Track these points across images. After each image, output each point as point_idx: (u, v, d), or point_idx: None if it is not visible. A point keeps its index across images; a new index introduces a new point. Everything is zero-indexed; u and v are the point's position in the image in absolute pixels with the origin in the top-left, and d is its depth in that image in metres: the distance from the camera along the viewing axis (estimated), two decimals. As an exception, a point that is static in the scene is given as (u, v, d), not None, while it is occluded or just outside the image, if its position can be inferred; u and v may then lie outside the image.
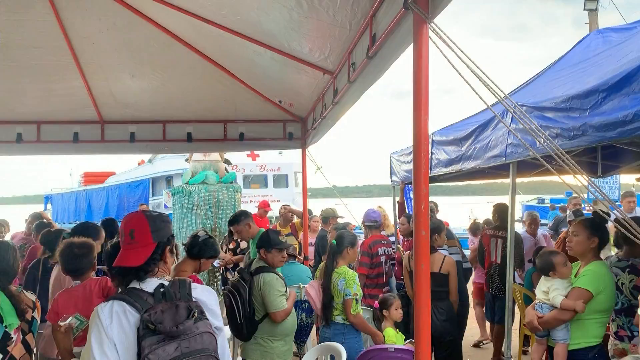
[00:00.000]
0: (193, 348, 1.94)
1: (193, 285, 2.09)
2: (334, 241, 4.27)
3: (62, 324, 2.58)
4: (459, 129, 4.74)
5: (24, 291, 3.06)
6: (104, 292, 2.99)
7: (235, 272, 4.50)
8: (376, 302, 4.55)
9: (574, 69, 4.24)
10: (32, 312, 3.02)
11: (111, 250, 2.63)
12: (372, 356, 3.64)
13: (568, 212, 8.47)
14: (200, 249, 3.79)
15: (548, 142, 2.59)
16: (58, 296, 3.10)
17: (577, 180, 2.89)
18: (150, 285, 2.05)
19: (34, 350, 3.06)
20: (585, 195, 5.71)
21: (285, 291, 3.96)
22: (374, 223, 6.02)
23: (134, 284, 2.06)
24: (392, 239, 6.80)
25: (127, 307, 1.97)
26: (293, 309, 4.04)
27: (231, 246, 6.98)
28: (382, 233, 6.49)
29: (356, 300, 4.04)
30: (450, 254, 5.47)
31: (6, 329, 2.81)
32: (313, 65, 4.69)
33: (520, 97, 4.08)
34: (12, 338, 2.84)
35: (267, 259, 4.00)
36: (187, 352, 1.93)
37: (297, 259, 6.20)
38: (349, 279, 4.06)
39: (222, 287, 6.87)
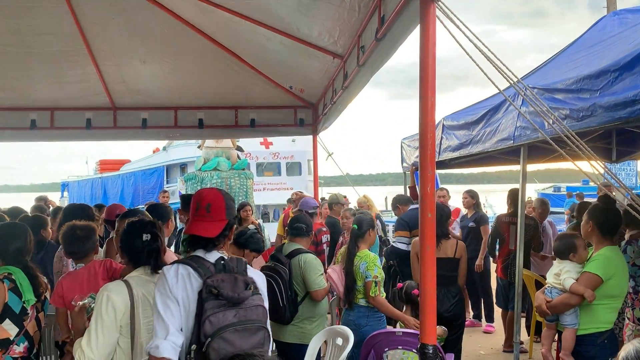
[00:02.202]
0: (249, 318, 2.10)
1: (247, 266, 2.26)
2: (354, 225, 4.32)
3: (79, 303, 2.62)
4: (470, 113, 4.70)
5: (39, 274, 3.16)
6: (109, 274, 3.02)
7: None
8: (399, 284, 4.61)
9: (588, 51, 4.16)
10: (45, 293, 3.14)
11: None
12: (380, 339, 3.64)
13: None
14: (246, 240, 4.05)
15: (557, 124, 2.55)
16: (62, 279, 3.14)
17: (591, 166, 2.85)
18: (212, 256, 2.21)
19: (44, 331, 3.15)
20: (600, 182, 5.63)
21: (323, 272, 4.10)
22: (314, 210, 6.04)
23: (198, 253, 2.22)
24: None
25: (192, 271, 2.13)
26: None
27: None
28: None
29: (376, 282, 4.09)
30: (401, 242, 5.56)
31: (24, 305, 2.91)
32: (323, 50, 4.67)
33: (532, 81, 4.02)
34: (29, 314, 2.95)
35: (304, 242, 4.17)
36: (244, 320, 2.08)
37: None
38: (370, 262, 4.12)
39: None
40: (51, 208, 6.98)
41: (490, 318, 7.01)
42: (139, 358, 2.37)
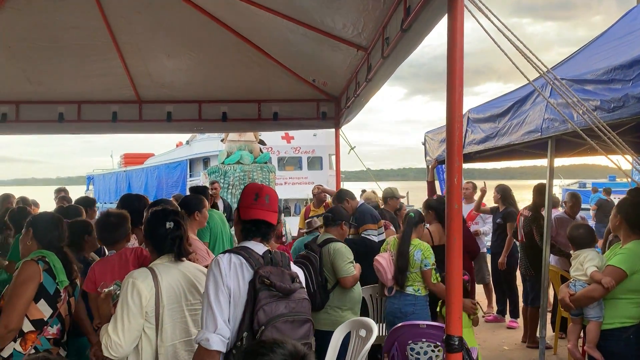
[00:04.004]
0: (298, 310, 2.20)
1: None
2: (411, 214, 4.48)
3: (105, 290, 2.67)
4: (496, 106, 4.63)
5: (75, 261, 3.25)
6: (140, 261, 3.08)
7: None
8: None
9: (618, 42, 4.06)
10: (76, 279, 3.21)
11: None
12: (404, 332, 3.64)
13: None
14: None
15: (587, 115, 2.50)
16: (94, 265, 3.22)
17: (625, 159, 2.79)
18: (259, 248, 2.28)
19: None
20: (629, 179, 5.52)
21: (353, 260, 4.20)
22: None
23: (247, 244, 2.29)
24: None
25: (244, 261, 2.20)
26: (358, 282, 4.26)
27: None
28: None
29: (435, 270, 4.25)
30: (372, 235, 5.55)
31: (57, 286, 2.98)
32: (347, 42, 4.65)
33: (560, 72, 3.94)
34: (62, 296, 3.02)
35: (335, 232, 4.31)
36: (294, 311, 2.17)
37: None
38: (425, 251, 4.26)
39: None
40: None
41: (514, 314, 6.95)
42: (164, 344, 2.41)
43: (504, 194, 7.04)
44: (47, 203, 8.72)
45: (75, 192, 16.70)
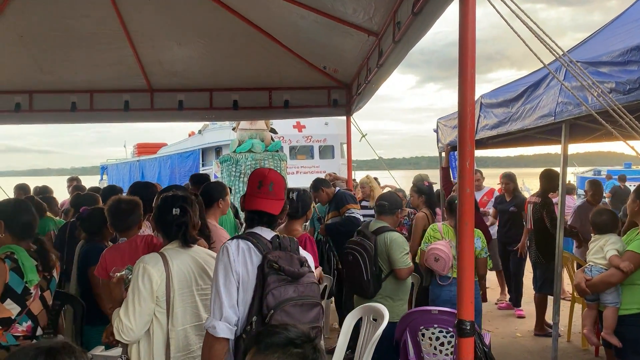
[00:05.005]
0: (307, 293, 2.21)
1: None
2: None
3: (117, 274, 2.69)
4: (509, 90, 4.56)
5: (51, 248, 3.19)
6: (150, 249, 3.08)
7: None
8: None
9: (634, 24, 3.97)
10: (53, 269, 3.15)
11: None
12: (415, 318, 3.63)
13: None
14: (302, 207, 4.06)
15: (602, 97, 2.46)
16: (106, 252, 3.23)
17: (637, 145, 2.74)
18: (267, 234, 2.30)
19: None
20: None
21: (409, 251, 4.22)
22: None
23: (256, 230, 2.30)
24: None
25: (252, 247, 2.22)
26: None
27: None
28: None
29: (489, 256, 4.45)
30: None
31: (26, 285, 2.91)
32: (358, 27, 4.61)
33: (575, 55, 3.87)
34: (32, 293, 2.96)
35: (390, 220, 4.33)
36: (303, 295, 2.17)
37: None
38: (483, 239, 4.30)
39: None
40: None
41: (518, 303, 6.92)
42: (175, 328, 2.43)
43: (514, 182, 6.98)
44: (61, 193, 8.81)
45: (89, 182, 16.88)
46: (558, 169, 4.63)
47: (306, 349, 1.37)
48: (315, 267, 3.84)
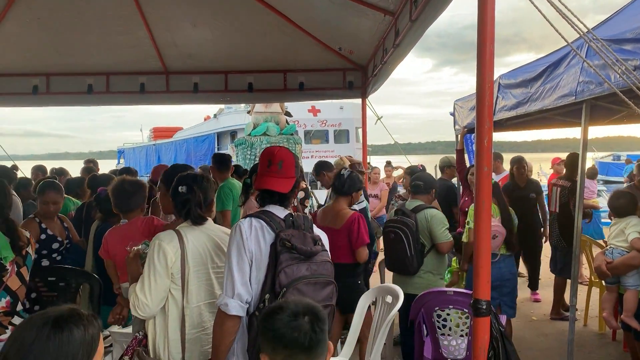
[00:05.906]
0: (320, 272, 2.20)
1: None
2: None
3: (134, 249, 2.69)
4: (528, 70, 4.47)
5: (20, 228, 3.17)
6: (150, 230, 3.07)
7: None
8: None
9: (660, 1, 3.85)
10: (27, 248, 3.14)
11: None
12: (430, 299, 3.62)
13: None
14: (349, 185, 4.12)
15: (627, 74, 2.39)
16: (107, 234, 3.24)
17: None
18: (281, 212, 2.30)
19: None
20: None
21: (448, 226, 4.37)
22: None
23: (269, 208, 2.30)
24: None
25: (265, 225, 2.22)
26: None
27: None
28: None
29: None
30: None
31: (1, 261, 2.92)
32: (373, 6, 4.55)
33: (597, 33, 3.77)
34: (7, 269, 2.96)
35: (426, 199, 4.47)
36: (316, 274, 2.18)
37: None
38: (514, 217, 4.56)
39: None
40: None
41: (535, 286, 6.84)
42: (189, 305, 2.44)
43: (527, 166, 6.78)
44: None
45: (107, 166, 17.03)
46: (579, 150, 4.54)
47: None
48: (366, 244, 3.96)
